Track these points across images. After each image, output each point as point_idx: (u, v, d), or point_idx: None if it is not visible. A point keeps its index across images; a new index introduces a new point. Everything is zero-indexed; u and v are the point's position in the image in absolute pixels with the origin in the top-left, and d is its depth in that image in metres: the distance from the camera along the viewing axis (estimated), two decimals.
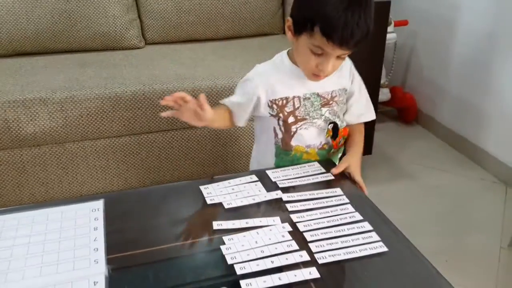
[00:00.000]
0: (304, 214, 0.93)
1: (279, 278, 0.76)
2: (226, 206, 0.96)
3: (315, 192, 1.00)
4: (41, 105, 1.59)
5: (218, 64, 1.93)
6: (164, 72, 1.82)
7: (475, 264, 1.67)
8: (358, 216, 0.92)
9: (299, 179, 1.06)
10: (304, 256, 0.81)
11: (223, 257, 0.81)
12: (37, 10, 1.95)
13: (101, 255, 0.82)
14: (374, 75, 1.97)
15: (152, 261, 0.82)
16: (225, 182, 1.04)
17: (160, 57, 2.02)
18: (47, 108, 1.60)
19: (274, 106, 1.13)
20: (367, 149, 2.00)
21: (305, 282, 0.76)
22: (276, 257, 0.81)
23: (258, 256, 0.81)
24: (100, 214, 0.93)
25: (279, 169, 1.09)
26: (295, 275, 0.77)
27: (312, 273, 0.77)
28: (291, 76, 1.12)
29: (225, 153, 1.88)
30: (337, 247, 0.84)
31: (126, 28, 2.10)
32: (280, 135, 1.16)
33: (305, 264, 0.79)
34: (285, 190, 1.01)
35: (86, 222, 0.91)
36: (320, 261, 0.80)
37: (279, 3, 2.35)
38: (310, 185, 1.03)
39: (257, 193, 1.00)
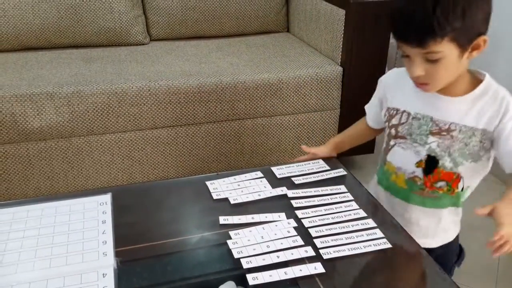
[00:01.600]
0: (309, 210, 0.94)
1: (285, 273, 0.78)
2: (232, 202, 0.97)
3: (320, 189, 1.01)
4: (47, 100, 1.61)
5: (223, 61, 1.94)
6: (170, 68, 1.84)
7: (475, 262, 1.69)
8: (362, 213, 0.94)
9: (304, 176, 1.07)
10: (309, 252, 0.82)
11: (229, 251, 0.82)
12: (43, 5, 1.96)
13: (110, 247, 0.83)
14: (377, 75, 1.97)
15: (160, 254, 0.84)
16: (231, 178, 1.05)
17: (165, 54, 2.03)
18: (54, 102, 1.61)
19: (387, 114, 1.06)
20: (370, 148, 2.01)
21: (310, 276, 0.77)
22: (281, 252, 0.82)
23: (264, 251, 0.82)
24: (108, 208, 0.94)
25: (284, 166, 1.11)
26: (301, 270, 0.78)
27: (317, 268, 0.79)
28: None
29: (229, 150, 1.89)
30: (342, 243, 0.85)
31: (132, 24, 2.11)
32: (384, 145, 1.09)
33: (310, 259, 0.81)
34: (291, 186, 1.03)
35: (94, 215, 0.92)
36: (325, 257, 0.81)
37: (283, 1, 2.36)
38: (315, 182, 1.05)
39: (263, 189, 1.01)
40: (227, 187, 1.02)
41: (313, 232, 0.87)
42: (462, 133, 0.93)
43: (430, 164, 0.98)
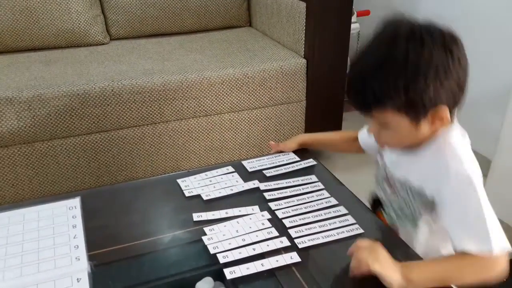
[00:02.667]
0: (282, 201, 0.95)
1: (262, 264, 0.78)
2: (204, 198, 0.97)
3: (291, 180, 1.02)
4: (7, 105, 1.55)
5: (187, 58, 1.92)
6: (132, 67, 1.81)
7: None
8: (334, 201, 0.95)
9: (275, 168, 1.08)
10: (284, 242, 0.83)
11: (205, 247, 0.82)
12: None
13: (82, 252, 0.82)
14: (340, 65, 2.01)
15: (135, 255, 0.83)
16: (202, 175, 1.05)
17: (126, 53, 2.00)
18: (14, 107, 1.56)
19: None
20: None
21: (287, 266, 0.78)
22: (257, 244, 0.83)
23: (240, 245, 0.83)
24: (78, 212, 0.93)
25: (254, 159, 1.11)
26: (277, 261, 0.79)
27: (293, 257, 0.80)
28: None
29: (198, 147, 1.89)
30: (316, 231, 0.86)
31: (90, 24, 2.06)
32: None
33: (285, 250, 0.82)
34: (262, 179, 1.03)
35: (64, 220, 0.90)
36: (300, 246, 0.82)
37: None
38: (286, 174, 1.06)
39: (235, 184, 1.02)
40: (199, 184, 1.02)
41: (287, 222, 0.88)
42: (408, 194, 0.89)
43: (375, 203, 1.00)
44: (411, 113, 0.79)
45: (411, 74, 0.76)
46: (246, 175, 1.05)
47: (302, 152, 1.15)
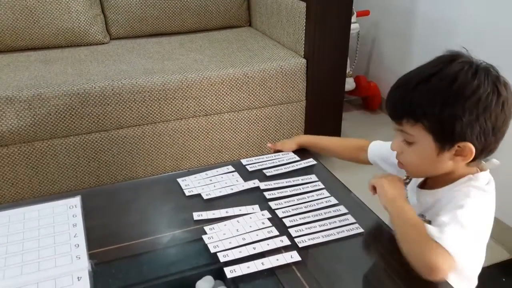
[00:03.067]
0: (282, 201, 0.95)
1: (262, 263, 0.78)
2: (205, 197, 0.97)
3: (291, 179, 1.03)
4: (7, 104, 1.56)
5: (187, 58, 1.92)
6: (132, 67, 1.81)
7: None
8: (334, 200, 0.95)
9: (275, 168, 1.08)
10: (284, 241, 0.83)
11: (205, 246, 0.82)
12: None
13: (83, 250, 0.82)
14: (340, 65, 2.02)
15: (135, 254, 0.83)
16: (202, 174, 1.05)
17: (126, 52, 2.00)
18: (14, 106, 1.56)
19: None
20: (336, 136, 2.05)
21: (287, 265, 0.78)
22: (257, 243, 0.83)
23: (240, 244, 0.83)
24: (78, 211, 0.92)
25: (254, 159, 1.11)
26: (277, 260, 0.79)
27: (293, 256, 0.80)
28: None
29: (198, 147, 1.89)
30: (316, 230, 0.86)
31: (90, 24, 2.06)
32: None
33: (286, 249, 0.82)
34: (262, 179, 1.03)
35: (64, 219, 0.90)
36: (300, 245, 0.83)
37: None
38: (286, 173, 1.06)
39: (235, 183, 1.02)
40: (199, 183, 1.02)
41: (287, 222, 0.89)
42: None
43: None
44: (439, 137, 0.79)
45: (452, 96, 0.76)
46: (246, 175, 1.05)
47: (302, 151, 1.15)
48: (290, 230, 0.86)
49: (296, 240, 0.84)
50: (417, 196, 0.92)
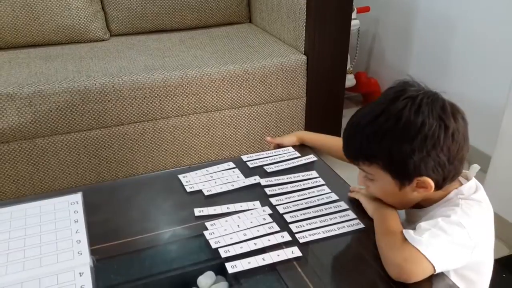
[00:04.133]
0: (283, 197, 0.96)
1: (263, 259, 0.79)
2: (206, 193, 0.97)
3: (292, 175, 1.03)
4: (8, 101, 1.56)
5: (187, 54, 1.92)
6: (132, 64, 1.81)
7: None
8: (334, 196, 0.96)
9: (276, 164, 1.08)
10: (285, 237, 0.84)
11: (207, 242, 0.83)
12: None
13: (85, 246, 0.82)
14: (340, 62, 2.01)
15: (137, 249, 0.84)
16: (203, 170, 1.05)
17: (126, 49, 2.00)
18: (15, 103, 1.56)
19: None
20: (337, 134, 2.05)
21: (288, 261, 0.79)
22: (258, 239, 0.83)
23: (241, 239, 0.83)
24: (80, 207, 0.93)
25: (255, 155, 1.11)
26: (278, 255, 0.79)
27: (294, 252, 0.80)
28: None
29: (198, 144, 1.89)
30: (316, 226, 0.87)
31: (90, 20, 2.06)
32: None
33: (287, 244, 0.82)
34: (263, 175, 1.04)
35: (65, 215, 0.91)
36: (301, 241, 0.83)
37: None
38: (287, 169, 1.06)
39: (236, 179, 1.02)
40: (200, 179, 1.02)
41: (288, 217, 0.89)
42: None
43: None
44: (396, 175, 0.80)
45: (399, 136, 0.77)
46: (247, 171, 1.06)
47: (303, 148, 1.15)
48: (291, 226, 0.87)
49: (297, 235, 0.84)
50: (406, 214, 0.93)
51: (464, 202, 0.81)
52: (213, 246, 0.81)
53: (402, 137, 0.76)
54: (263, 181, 1.01)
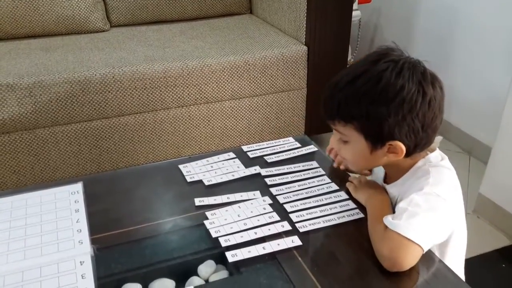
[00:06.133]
0: (283, 187, 0.96)
1: (263, 248, 0.79)
2: (206, 183, 0.97)
3: (292, 166, 1.03)
4: (8, 91, 1.56)
5: (188, 45, 1.92)
6: (133, 54, 1.81)
7: None
8: (334, 186, 0.96)
9: (276, 154, 1.08)
10: (285, 226, 0.84)
11: (207, 231, 0.83)
12: None
13: (85, 235, 0.82)
14: (341, 53, 2.01)
15: (137, 239, 0.84)
16: (204, 160, 1.05)
17: (127, 39, 1.99)
18: (15, 94, 1.56)
19: None
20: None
21: (288, 250, 0.79)
22: (258, 228, 0.83)
23: (242, 229, 0.83)
24: (80, 196, 0.93)
25: (255, 145, 1.11)
26: (278, 244, 0.80)
27: (294, 241, 0.80)
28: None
29: (199, 135, 1.89)
30: (316, 216, 0.87)
31: (91, 11, 2.05)
32: None
33: (287, 233, 0.82)
34: (263, 165, 1.04)
35: (66, 205, 0.91)
36: (301, 230, 0.83)
37: None
38: (287, 160, 1.06)
39: (236, 170, 1.02)
40: (201, 170, 1.02)
41: (288, 207, 0.89)
42: None
43: None
44: (369, 137, 0.80)
45: (376, 97, 0.77)
46: (247, 161, 1.06)
47: (303, 138, 1.15)
48: (291, 215, 0.87)
49: (297, 225, 0.84)
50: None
51: (434, 169, 0.82)
52: (214, 235, 0.82)
53: (380, 99, 0.77)
54: (264, 171, 1.01)
